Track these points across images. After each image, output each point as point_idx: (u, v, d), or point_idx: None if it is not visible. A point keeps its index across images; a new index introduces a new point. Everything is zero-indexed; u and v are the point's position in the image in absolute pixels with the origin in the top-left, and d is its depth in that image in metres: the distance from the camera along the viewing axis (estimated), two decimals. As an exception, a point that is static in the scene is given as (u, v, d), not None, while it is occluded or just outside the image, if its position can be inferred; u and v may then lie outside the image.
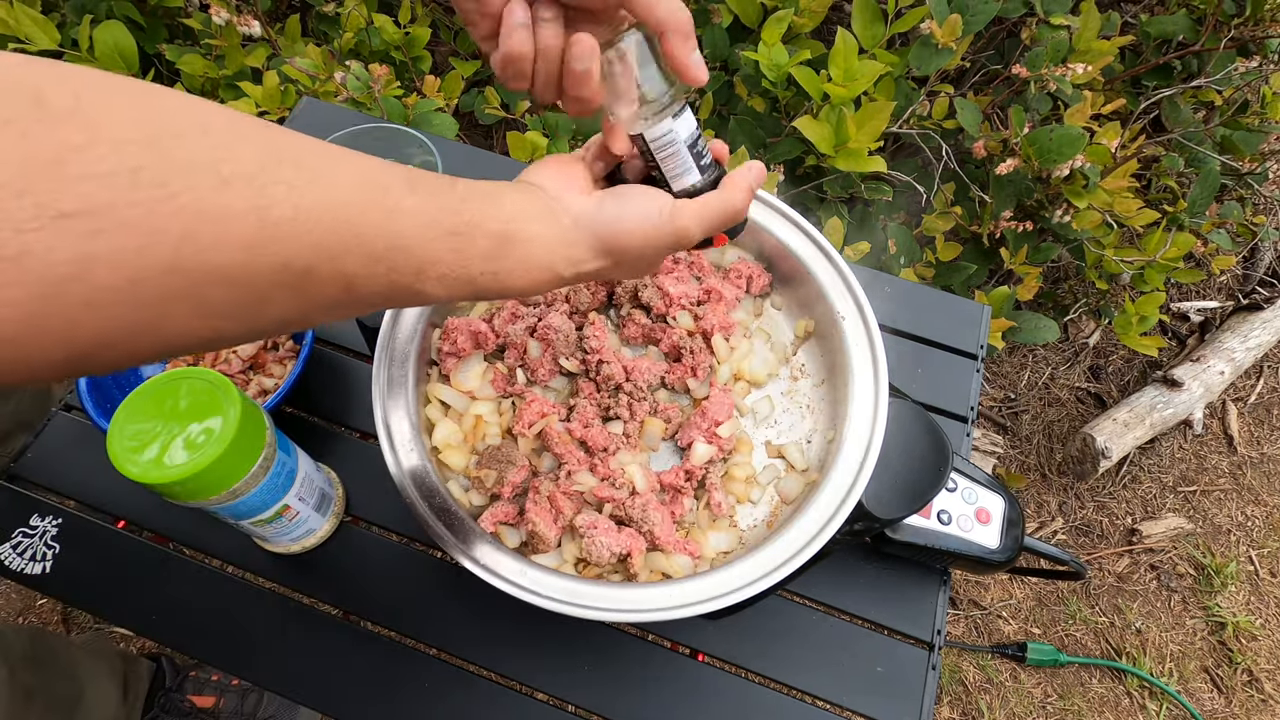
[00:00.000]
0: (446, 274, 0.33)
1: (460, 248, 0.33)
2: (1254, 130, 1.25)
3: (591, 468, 0.57)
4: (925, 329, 0.78)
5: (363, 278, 0.30)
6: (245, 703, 1.03)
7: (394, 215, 0.30)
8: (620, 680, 0.61)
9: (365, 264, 0.29)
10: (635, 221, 0.40)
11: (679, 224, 0.40)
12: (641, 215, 0.40)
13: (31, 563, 0.64)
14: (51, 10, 1.08)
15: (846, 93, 0.93)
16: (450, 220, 0.33)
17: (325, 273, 0.28)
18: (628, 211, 0.40)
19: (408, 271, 0.31)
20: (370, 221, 0.29)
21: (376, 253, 0.29)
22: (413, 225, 0.31)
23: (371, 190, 0.30)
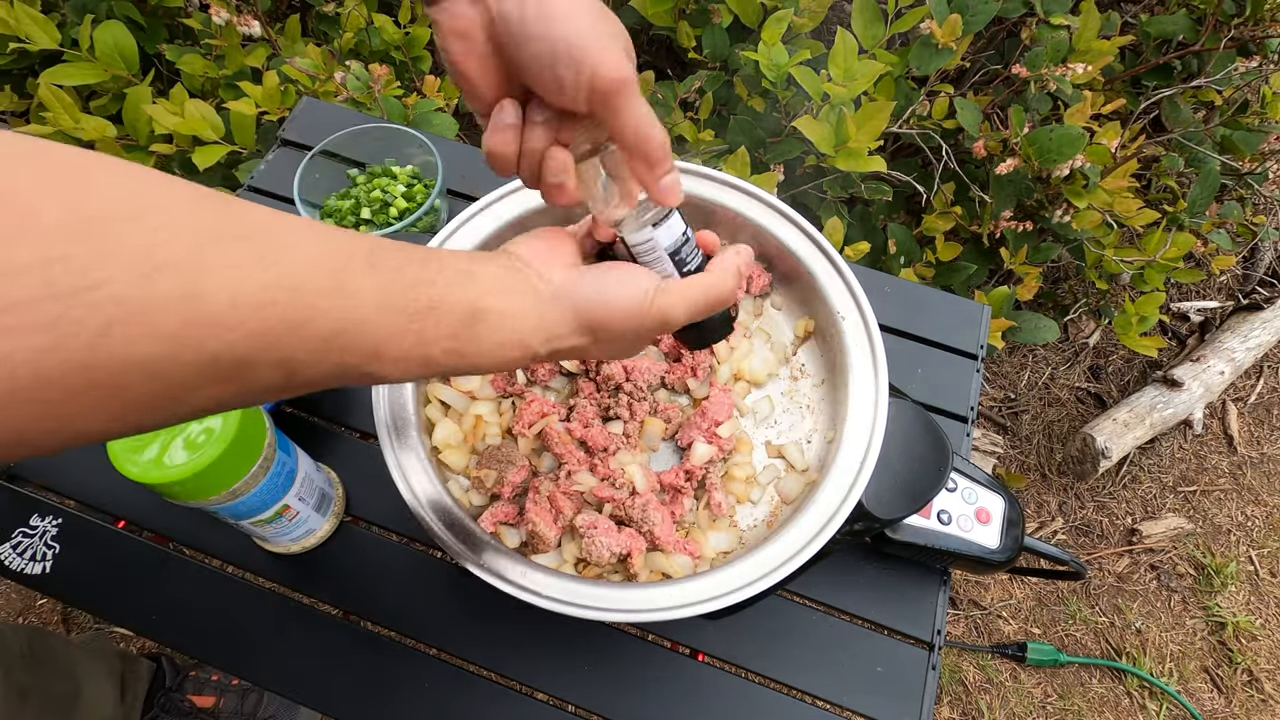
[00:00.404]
0: (403, 356, 0.31)
1: (418, 328, 0.31)
2: (1254, 130, 1.25)
3: (591, 468, 0.57)
4: (925, 329, 0.78)
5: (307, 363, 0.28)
6: (245, 703, 1.03)
7: (349, 297, 0.28)
8: (620, 680, 0.61)
9: (311, 350, 0.27)
10: (617, 299, 0.38)
11: (662, 305, 0.39)
12: (624, 294, 0.38)
13: (31, 563, 0.64)
14: (51, 10, 1.08)
15: (846, 93, 0.93)
16: (415, 300, 0.31)
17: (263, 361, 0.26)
18: (610, 288, 0.38)
19: (361, 354, 0.29)
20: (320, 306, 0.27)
21: (324, 337, 0.28)
22: (371, 307, 0.29)
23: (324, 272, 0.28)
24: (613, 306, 0.38)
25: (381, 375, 0.31)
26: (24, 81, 1.14)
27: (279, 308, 0.26)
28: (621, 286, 0.38)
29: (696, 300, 0.40)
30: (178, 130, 0.94)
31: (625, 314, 0.38)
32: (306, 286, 0.27)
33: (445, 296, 0.32)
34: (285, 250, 0.27)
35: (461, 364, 0.34)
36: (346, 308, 0.28)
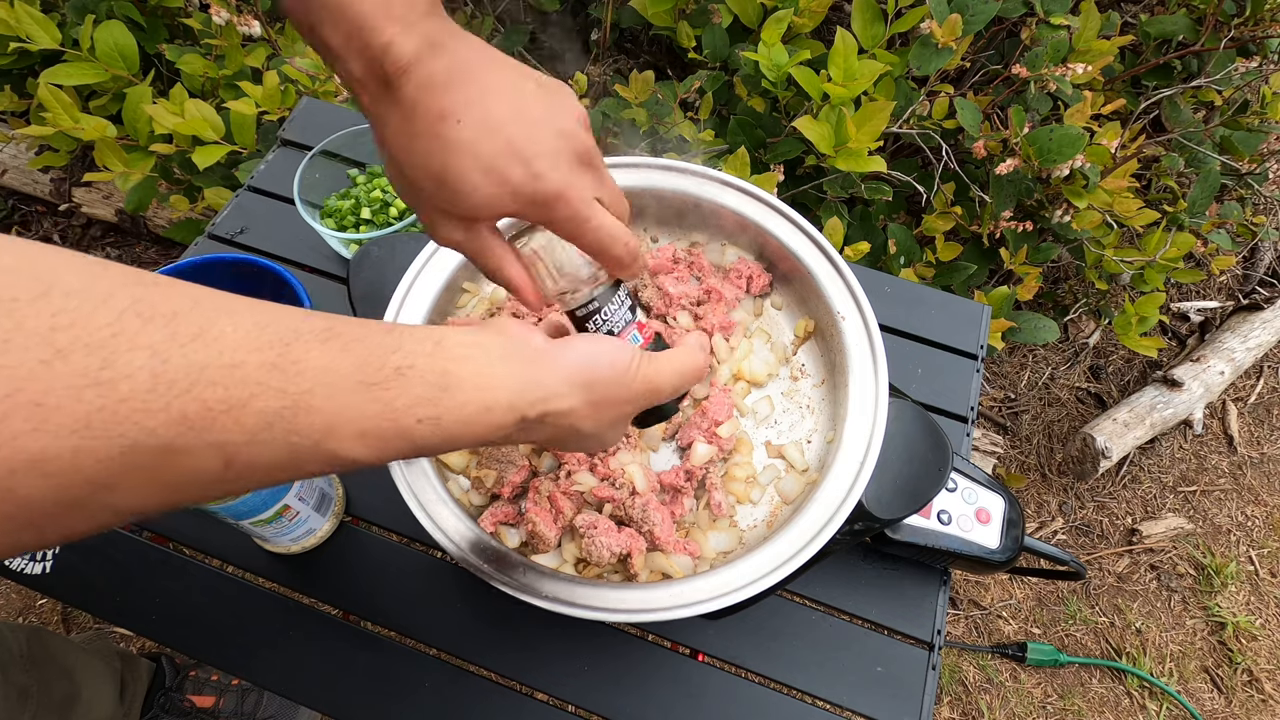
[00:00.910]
0: (369, 430, 0.28)
1: (384, 399, 0.29)
2: (1254, 130, 1.25)
3: (591, 468, 0.57)
4: (925, 329, 0.78)
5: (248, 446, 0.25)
6: (245, 703, 1.03)
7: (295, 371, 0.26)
8: (620, 680, 0.61)
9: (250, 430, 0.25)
10: (609, 359, 0.37)
11: (649, 370, 0.39)
12: (613, 354, 0.37)
13: (31, 563, 0.64)
14: (51, 10, 1.08)
15: (846, 93, 0.93)
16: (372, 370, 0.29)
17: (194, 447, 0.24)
18: (599, 348, 0.37)
19: (312, 431, 0.27)
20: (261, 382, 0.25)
21: (266, 417, 0.25)
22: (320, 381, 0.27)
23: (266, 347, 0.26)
24: (604, 363, 0.37)
25: (349, 455, 0.29)
26: (24, 81, 1.14)
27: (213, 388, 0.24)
28: (611, 347, 0.38)
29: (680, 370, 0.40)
30: (178, 130, 0.94)
31: (616, 372, 0.37)
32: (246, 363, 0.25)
33: (413, 363, 0.30)
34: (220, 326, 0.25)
35: (442, 436, 0.31)
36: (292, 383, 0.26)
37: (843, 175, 1.03)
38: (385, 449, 0.30)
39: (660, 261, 0.65)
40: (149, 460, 0.23)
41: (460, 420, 0.31)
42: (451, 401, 0.31)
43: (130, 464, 0.23)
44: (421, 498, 0.53)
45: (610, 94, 1.21)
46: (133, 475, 0.23)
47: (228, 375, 0.24)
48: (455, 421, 0.31)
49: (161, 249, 1.55)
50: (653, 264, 0.65)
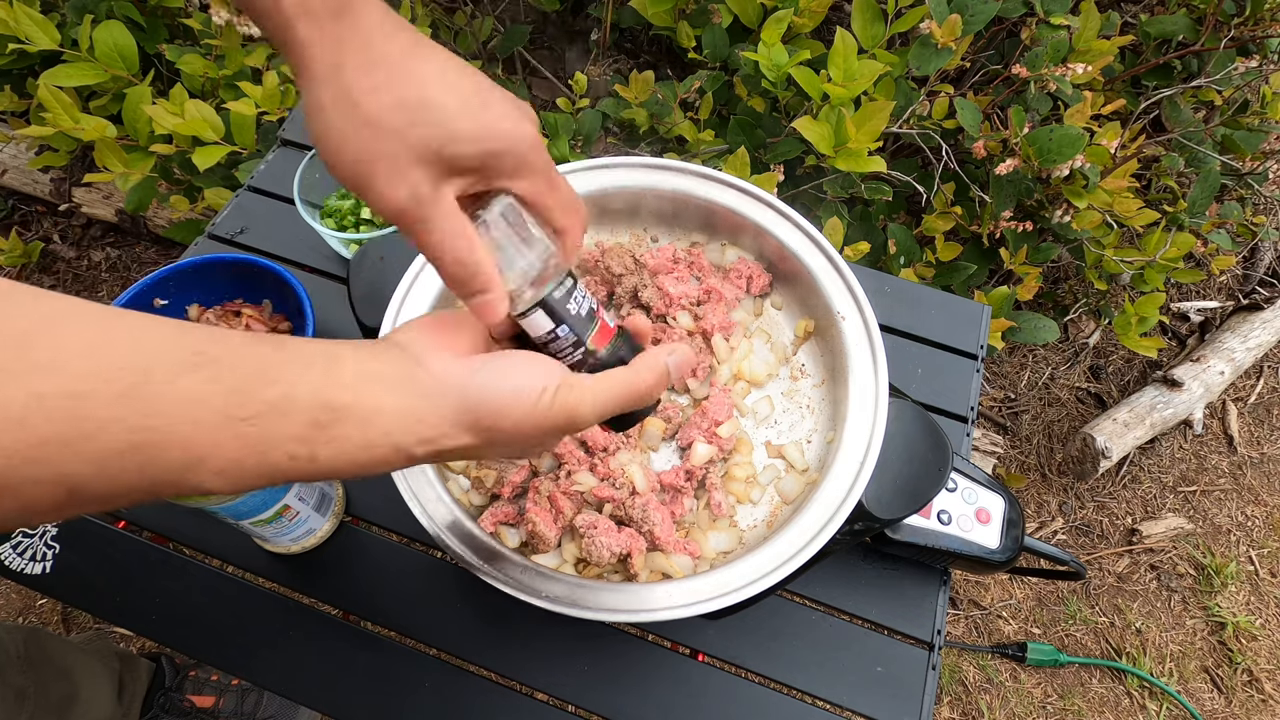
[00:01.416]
0: (230, 466, 0.27)
1: (252, 434, 0.27)
2: (1254, 130, 1.25)
3: (591, 468, 0.57)
4: (925, 329, 0.78)
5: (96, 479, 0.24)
6: (245, 702, 1.03)
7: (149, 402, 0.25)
8: (620, 680, 0.61)
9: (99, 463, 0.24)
10: (510, 398, 0.33)
11: (567, 402, 0.34)
12: (520, 390, 0.33)
13: (31, 563, 0.64)
14: (51, 10, 1.08)
15: (846, 93, 0.93)
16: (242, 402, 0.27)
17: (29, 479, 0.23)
18: (504, 385, 0.33)
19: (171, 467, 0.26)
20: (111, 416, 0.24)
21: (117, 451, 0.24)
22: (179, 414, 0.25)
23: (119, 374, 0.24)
24: (506, 405, 0.33)
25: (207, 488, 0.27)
26: (24, 81, 1.14)
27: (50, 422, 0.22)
28: (516, 380, 0.33)
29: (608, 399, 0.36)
30: (177, 130, 0.94)
31: (521, 415, 0.33)
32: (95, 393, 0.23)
33: (292, 394, 0.28)
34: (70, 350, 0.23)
35: (313, 470, 0.29)
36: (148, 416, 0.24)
37: (843, 175, 1.03)
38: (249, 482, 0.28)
39: (660, 261, 0.65)
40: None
41: (337, 455, 0.29)
42: (328, 437, 0.29)
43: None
44: (420, 496, 0.53)
45: (610, 94, 1.21)
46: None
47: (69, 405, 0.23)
48: (330, 456, 0.29)
49: (161, 249, 1.55)
50: (652, 264, 0.65)
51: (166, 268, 0.67)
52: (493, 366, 0.33)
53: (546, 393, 0.33)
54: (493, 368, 0.33)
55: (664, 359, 0.38)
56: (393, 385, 0.31)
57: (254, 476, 0.28)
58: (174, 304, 0.70)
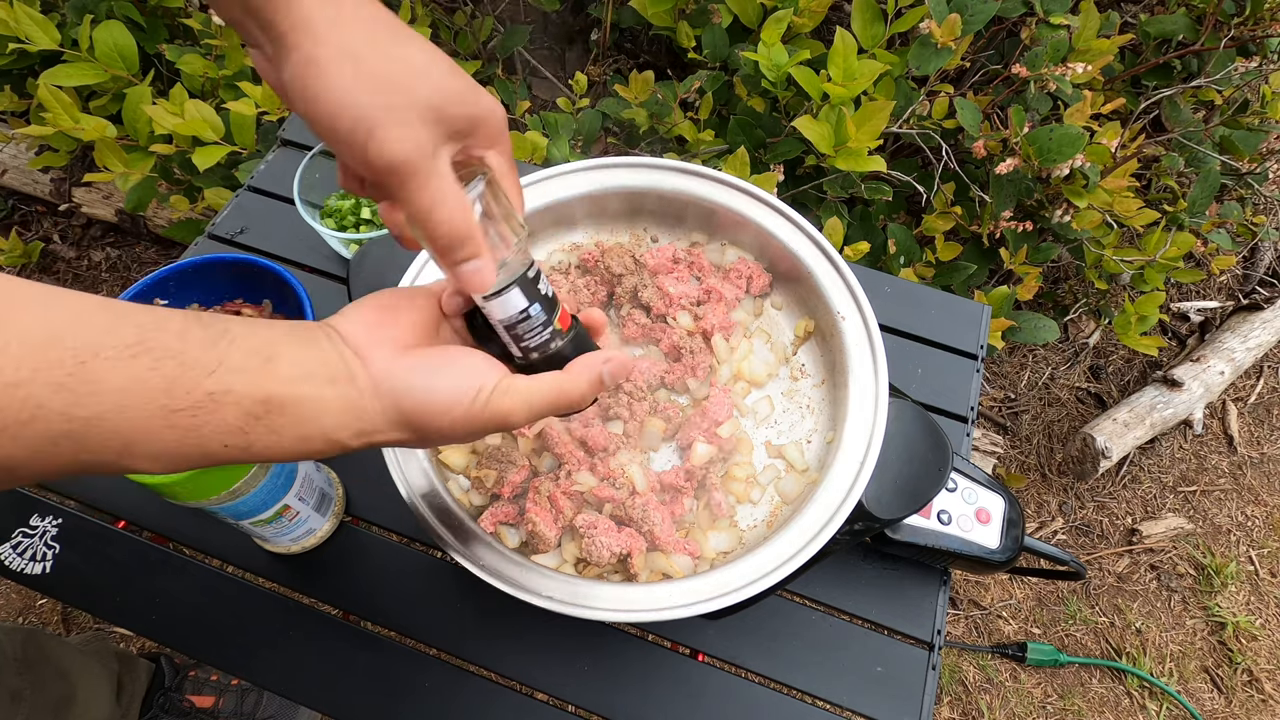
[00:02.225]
0: (165, 452, 0.28)
1: (188, 425, 0.27)
2: (1254, 130, 1.25)
3: (591, 468, 0.57)
4: (925, 329, 0.78)
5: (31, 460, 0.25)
6: (245, 703, 1.03)
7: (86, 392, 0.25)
8: (620, 680, 0.61)
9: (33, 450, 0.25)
10: (446, 400, 0.33)
11: (500, 407, 0.34)
12: (454, 393, 0.34)
13: (31, 563, 0.64)
14: (51, 10, 1.08)
15: (846, 92, 0.93)
16: (179, 393, 0.27)
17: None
18: (439, 385, 0.34)
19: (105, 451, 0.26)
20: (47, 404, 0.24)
21: (51, 437, 0.25)
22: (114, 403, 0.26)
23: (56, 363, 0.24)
24: (438, 406, 0.33)
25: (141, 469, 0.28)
26: (24, 81, 1.14)
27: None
28: (451, 383, 0.34)
29: (540, 405, 0.36)
30: (177, 130, 0.94)
31: (455, 417, 0.34)
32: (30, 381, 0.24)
33: (230, 387, 0.28)
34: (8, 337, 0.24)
35: (247, 457, 0.30)
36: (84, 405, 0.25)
37: (843, 175, 1.03)
38: (181, 466, 0.29)
39: (660, 261, 0.65)
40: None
41: (274, 444, 0.30)
42: (264, 429, 0.30)
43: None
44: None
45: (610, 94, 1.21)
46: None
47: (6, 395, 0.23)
48: (267, 445, 0.30)
49: (161, 249, 1.55)
50: (652, 264, 0.65)
51: (166, 268, 0.67)
52: (430, 366, 0.34)
53: (481, 394, 0.34)
54: (428, 370, 0.34)
55: (599, 367, 0.38)
56: (330, 381, 0.32)
57: (188, 462, 0.29)
58: (174, 304, 0.70)
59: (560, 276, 0.66)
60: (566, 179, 0.65)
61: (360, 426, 0.32)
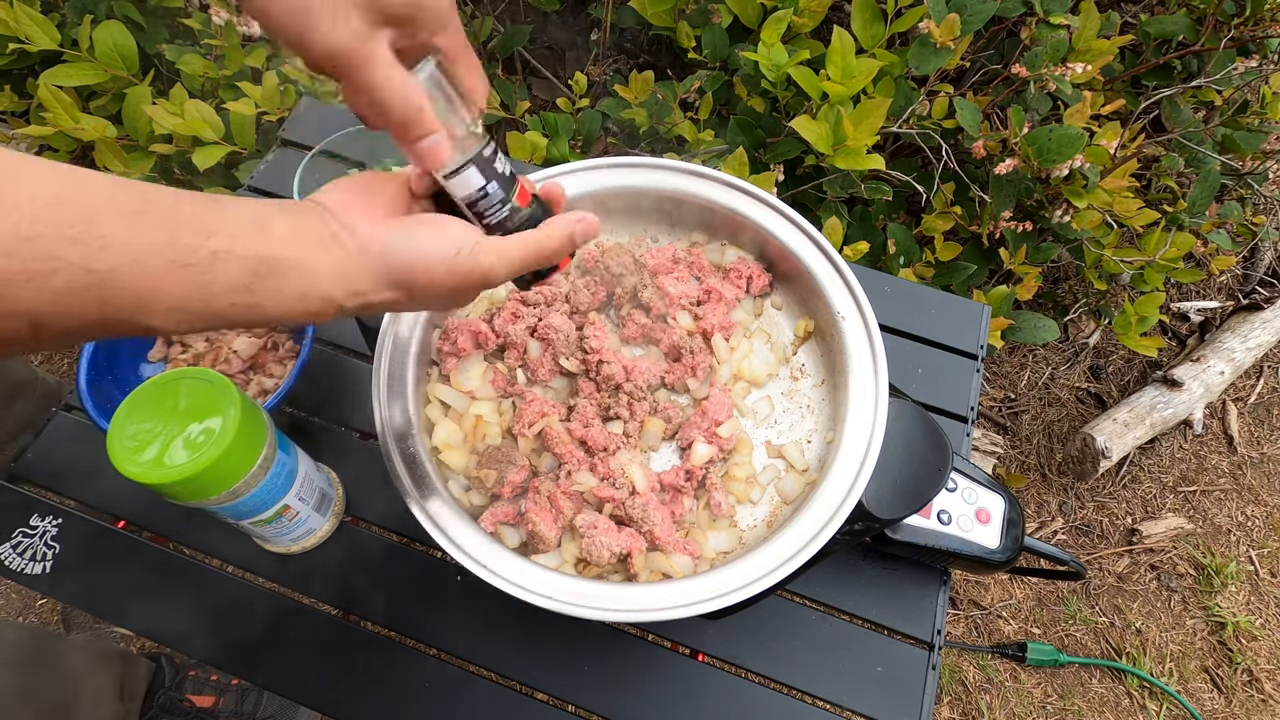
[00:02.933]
0: (178, 307, 0.30)
1: (197, 280, 0.29)
2: (1254, 130, 1.25)
3: (591, 468, 0.57)
4: (925, 329, 0.78)
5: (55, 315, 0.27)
6: (245, 702, 1.03)
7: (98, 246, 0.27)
8: (620, 680, 0.61)
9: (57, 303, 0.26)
10: (430, 256, 0.36)
11: (480, 263, 0.38)
12: (437, 250, 0.37)
13: (31, 563, 0.64)
14: (51, 10, 1.08)
15: (844, 90, 0.93)
16: (191, 250, 0.29)
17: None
18: (422, 244, 0.36)
19: (123, 306, 0.28)
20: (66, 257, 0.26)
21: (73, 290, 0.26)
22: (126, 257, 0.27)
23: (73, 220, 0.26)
24: (422, 261, 0.36)
25: (160, 328, 0.30)
26: (24, 81, 1.14)
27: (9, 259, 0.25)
28: (432, 241, 0.37)
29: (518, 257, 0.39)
30: (177, 130, 0.94)
31: (437, 270, 0.37)
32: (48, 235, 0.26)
33: (231, 247, 0.30)
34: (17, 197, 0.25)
35: (254, 316, 0.32)
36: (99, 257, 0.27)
37: (842, 175, 1.03)
38: (199, 323, 0.31)
39: (660, 261, 0.65)
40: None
41: (276, 304, 0.32)
42: (266, 287, 0.32)
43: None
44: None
45: (610, 94, 1.21)
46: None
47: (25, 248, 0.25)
48: (271, 305, 0.32)
49: (161, 249, 1.55)
50: (652, 264, 0.65)
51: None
52: (412, 229, 0.37)
53: (462, 251, 0.37)
54: (412, 230, 0.37)
55: (573, 224, 0.41)
56: (323, 243, 0.34)
57: (201, 320, 0.31)
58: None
59: (560, 276, 0.66)
60: (566, 179, 0.65)
61: (352, 285, 0.35)
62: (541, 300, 0.63)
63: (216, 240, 0.30)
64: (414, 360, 0.58)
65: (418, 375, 0.59)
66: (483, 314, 0.64)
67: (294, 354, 0.70)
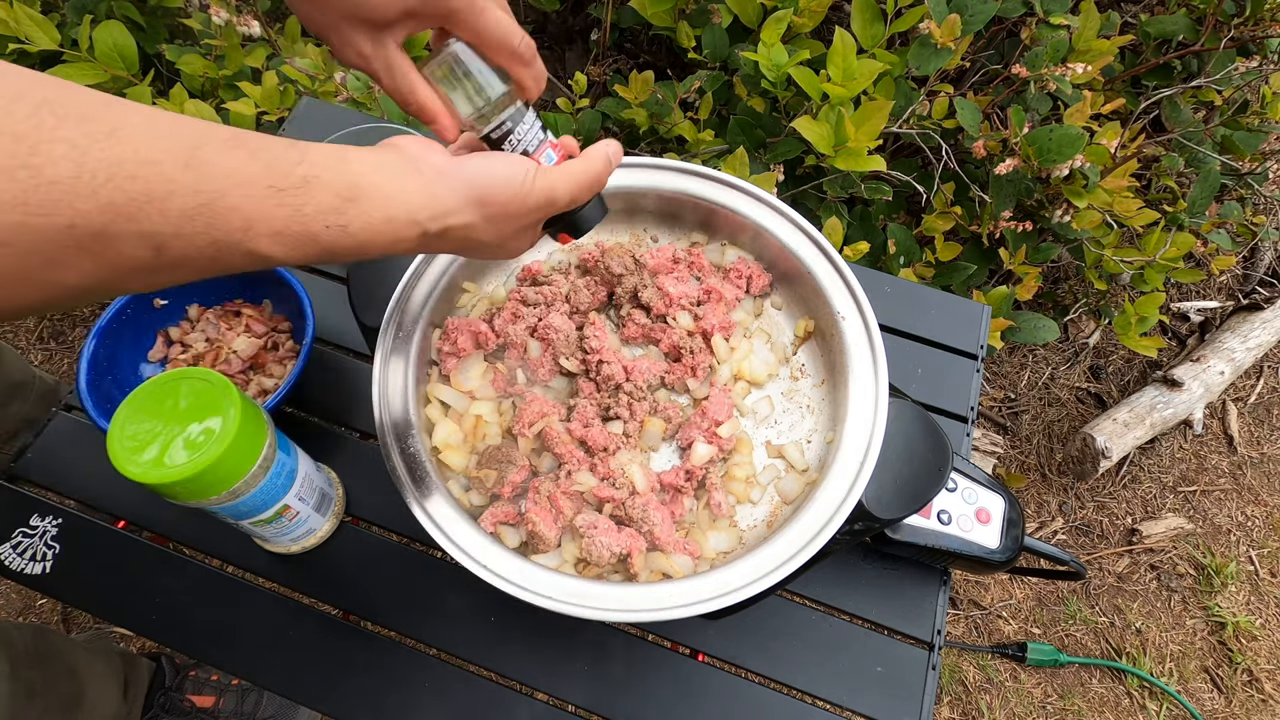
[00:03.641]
0: (282, 231, 0.31)
1: (294, 203, 0.31)
2: (1254, 130, 1.25)
3: (591, 468, 0.57)
4: (925, 329, 0.78)
5: (175, 238, 0.28)
6: (245, 702, 1.03)
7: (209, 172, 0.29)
8: (620, 680, 0.61)
9: (175, 223, 0.28)
10: (503, 175, 0.39)
11: (545, 182, 0.41)
12: (509, 170, 0.40)
13: (31, 563, 0.64)
14: (51, 10, 1.08)
15: (845, 92, 0.93)
16: (284, 176, 0.31)
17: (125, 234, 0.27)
18: (494, 166, 0.39)
19: (232, 229, 0.30)
20: (179, 180, 0.28)
21: (187, 211, 0.28)
22: (231, 183, 0.29)
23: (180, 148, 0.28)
24: (498, 180, 0.39)
25: (266, 254, 0.31)
26: (24, 82, 1.13)
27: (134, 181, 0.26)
28: (504, 164, 0.40)
29: (577, 179, 0.42)
30: (178, 130, 0.94)
31: (511, 188, 0.39)
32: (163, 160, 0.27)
33: (319, 174, 0.32)
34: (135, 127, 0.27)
35: (349, 242, 0.34)
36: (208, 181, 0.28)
37: (842, 175, 1.03)
38: (298, 250, 0.33)
39: (660, 261, 0.65)
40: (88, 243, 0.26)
41: (365, 228, 0.34)
42: (356, 211, 0.34)
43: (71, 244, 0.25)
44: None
45: (610, 94, 1.21)
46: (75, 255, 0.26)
47: (145, 170, 0.27)
48: (361, 229, 0.34)
49: (161, 249, 1.55)
50: (652, 264, 0.65)
51: (166, 268, 0.67)
52: (479, 157, 0.40)
53: (529, 174, 0.40)
54: (479, 157, 0.40)
55: (605, 149, 0.45)
56: (403, 172, 0.37)
57: (300, 244, 0.32)
58: (174, 304, 0.70)
59: (560, 276, 0.66)
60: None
61: (436, 207, 0.37)
62: (541, 300, 0.63)
63: (305, 167, 0.32)
64: (414, 360, 0.58)
65: (418, 375, 0.59)
66: (483, 314, 0.64)
67: (294, 354, 0.70)
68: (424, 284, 0.61)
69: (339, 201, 0.33)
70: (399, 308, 0.59)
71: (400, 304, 0.59)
